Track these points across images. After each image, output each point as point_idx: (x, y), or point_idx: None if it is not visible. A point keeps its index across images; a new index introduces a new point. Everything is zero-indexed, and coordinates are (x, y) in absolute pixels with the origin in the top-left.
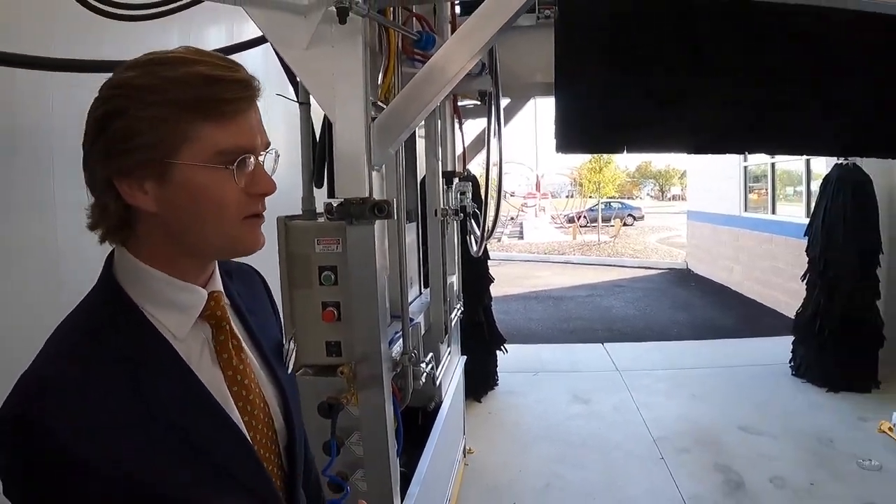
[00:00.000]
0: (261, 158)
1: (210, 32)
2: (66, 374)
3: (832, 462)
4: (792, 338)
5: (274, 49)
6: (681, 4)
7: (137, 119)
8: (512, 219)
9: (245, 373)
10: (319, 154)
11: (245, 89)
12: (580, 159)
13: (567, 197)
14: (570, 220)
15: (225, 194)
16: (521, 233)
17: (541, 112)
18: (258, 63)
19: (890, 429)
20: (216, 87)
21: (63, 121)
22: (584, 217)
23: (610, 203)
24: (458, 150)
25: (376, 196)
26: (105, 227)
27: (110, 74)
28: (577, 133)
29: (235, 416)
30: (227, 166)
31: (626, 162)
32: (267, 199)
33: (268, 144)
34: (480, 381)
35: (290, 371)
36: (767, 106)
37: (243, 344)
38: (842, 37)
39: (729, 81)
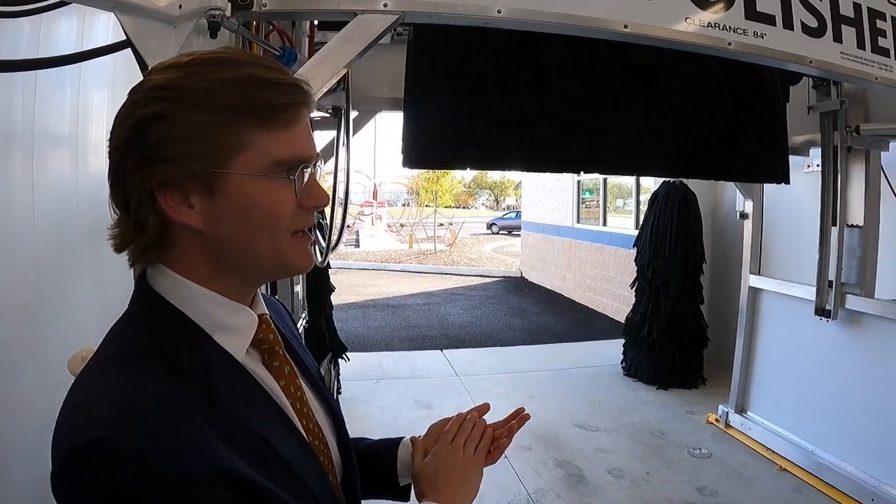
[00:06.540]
0: (310, 170)
1: (61, 25)
2: (142, 393)
3: (665, 452)
4: (622, 341)
5: (137, 57)
6: (527, 34)
7: (184, 124)
8: (348, 226)
9: (303, 400)
10: None
11: (300, 94)
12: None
13: (403, 205)
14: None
15: (279, 206)
16: (358, 241)
17: (381, 123)
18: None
19: (716, 420)
20: (271, 91)
21: None
22: (496, 226)
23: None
24: None
25: None
26: (140, 246)
27: None
28: (422, 150)
29: (303, 432)
30: (288, 176)
31: (462, 172)
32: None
33: (318, 155)
34: None
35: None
36: (603, 131)
37: (296, 370)
38: (675, 73)
39: (568, 107)
